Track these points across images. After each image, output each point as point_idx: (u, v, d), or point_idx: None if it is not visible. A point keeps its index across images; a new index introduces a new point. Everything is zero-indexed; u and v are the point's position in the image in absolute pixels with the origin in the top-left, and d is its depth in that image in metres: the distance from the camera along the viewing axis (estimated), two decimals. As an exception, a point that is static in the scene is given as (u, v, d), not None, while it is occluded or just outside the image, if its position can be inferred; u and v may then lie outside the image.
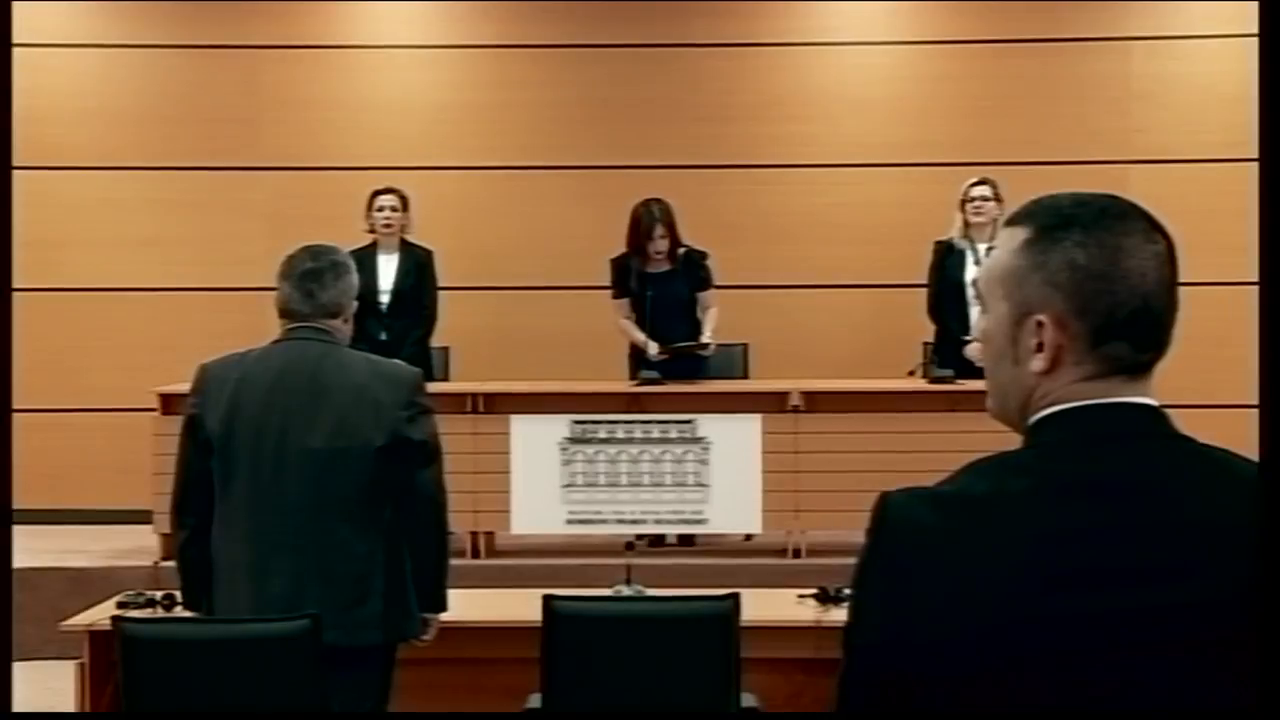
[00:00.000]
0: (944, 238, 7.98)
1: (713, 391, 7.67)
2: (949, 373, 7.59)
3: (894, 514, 1.58)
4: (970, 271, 7.83)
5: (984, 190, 7.86)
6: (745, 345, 8.43)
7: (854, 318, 9.20)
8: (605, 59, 9.32)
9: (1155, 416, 1.62)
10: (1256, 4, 2.83)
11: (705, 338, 7.83)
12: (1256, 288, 2.35)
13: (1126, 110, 9.22)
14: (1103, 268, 1.59)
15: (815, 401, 7.56)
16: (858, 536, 1.62)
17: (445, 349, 8.41)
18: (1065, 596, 1.51)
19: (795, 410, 7.52)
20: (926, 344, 8.14)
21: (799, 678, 5.21)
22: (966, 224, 7.89)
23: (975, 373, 7.54)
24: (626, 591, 5.41)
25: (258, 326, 5.32)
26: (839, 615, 5.06)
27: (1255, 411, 2.14)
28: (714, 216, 8.70)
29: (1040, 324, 1.61)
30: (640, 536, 7.43)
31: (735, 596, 4.70)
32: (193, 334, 8.47)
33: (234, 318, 8.34)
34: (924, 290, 8.05)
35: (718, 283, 7.99)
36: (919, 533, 1.56)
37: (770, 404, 7.56)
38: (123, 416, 8.61)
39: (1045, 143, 9.00)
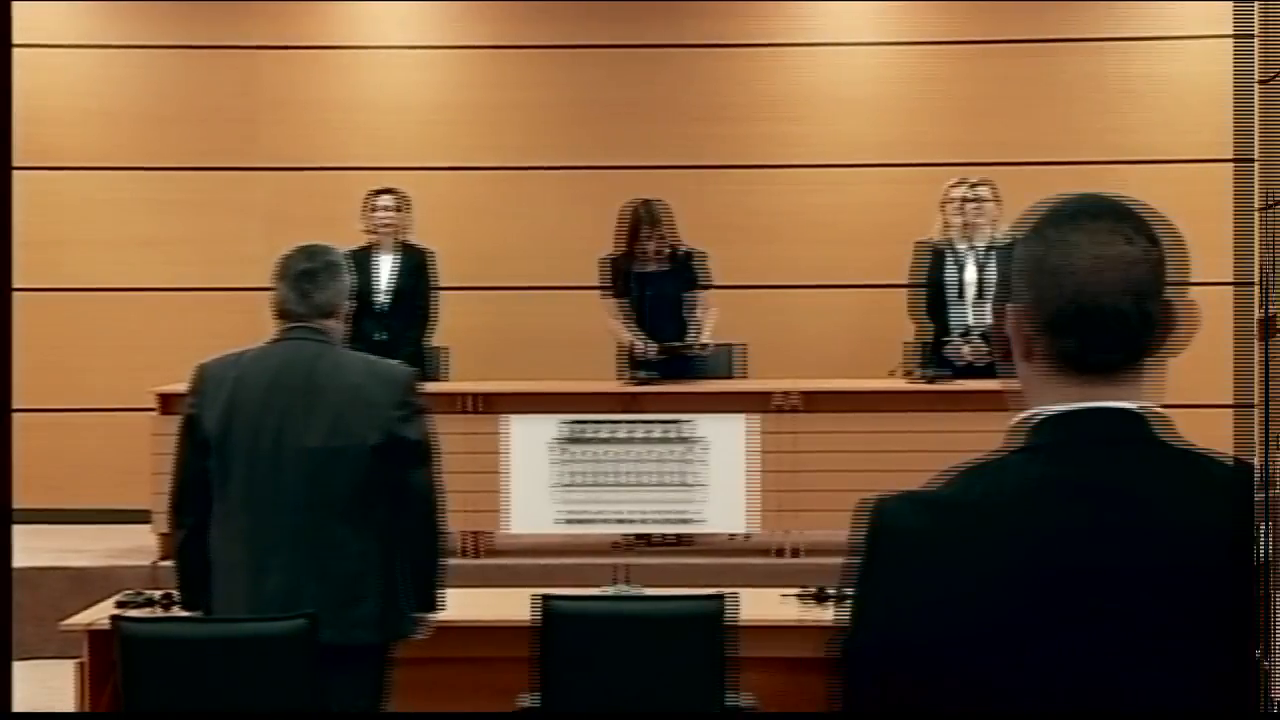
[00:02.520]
0: (924, 238, 7.99)
1: (706, 391, 7.67)
2: (947, 372, 7.59)
3: (884, 519, 1.61)
4: (949, 272, 7.85)
5: (968, 191, 7.86)
6: (738, 345, 8.42)
7: (846, 318, 9.20)
8: (599, 59, 9.34)
9: (1139, 421, 1.64)
10: (1255, 4, 2.87)
11: (704, 338, 7.83)
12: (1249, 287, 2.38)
13: (1116, 111, 9.24)
14: (1056, 262, 1.63)
15: (809, 401, 7.57)
16: (852, 536, 1.65)
17: (442, 349, 8.43)
18: (1051, 598, 1.54)
19: (789, 410, 7.54)
20: (906, 344, 8.12)
21: (792, 677, 5.24)
22: (947, 224, 7.90)
23: (957, 373, 7.57)
24: (621, 591, 5.44)
25: (257, 326, 5.34)
26: (832, 614, 5.08)
27: (1254, 411, 2.17)
28: (706, 217, 8.71)
29: (1015, 311, 1.67)
30: (638, 536, 7.45)
31: (729, 596, 4.73)
32: (192, 334, 8.48)
33: (233, 318, 8.35)
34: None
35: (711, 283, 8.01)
36: (909, 536, 1.60)
37: (763, 404, 7.56)
38: (122, 416, 8.62)
39: (1035, 143, 9.01)
